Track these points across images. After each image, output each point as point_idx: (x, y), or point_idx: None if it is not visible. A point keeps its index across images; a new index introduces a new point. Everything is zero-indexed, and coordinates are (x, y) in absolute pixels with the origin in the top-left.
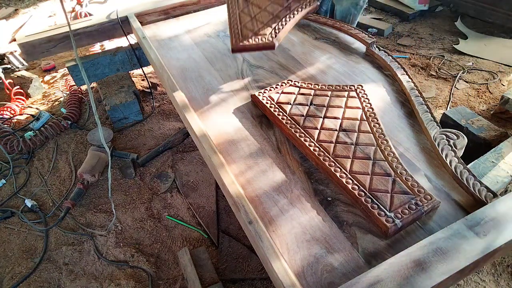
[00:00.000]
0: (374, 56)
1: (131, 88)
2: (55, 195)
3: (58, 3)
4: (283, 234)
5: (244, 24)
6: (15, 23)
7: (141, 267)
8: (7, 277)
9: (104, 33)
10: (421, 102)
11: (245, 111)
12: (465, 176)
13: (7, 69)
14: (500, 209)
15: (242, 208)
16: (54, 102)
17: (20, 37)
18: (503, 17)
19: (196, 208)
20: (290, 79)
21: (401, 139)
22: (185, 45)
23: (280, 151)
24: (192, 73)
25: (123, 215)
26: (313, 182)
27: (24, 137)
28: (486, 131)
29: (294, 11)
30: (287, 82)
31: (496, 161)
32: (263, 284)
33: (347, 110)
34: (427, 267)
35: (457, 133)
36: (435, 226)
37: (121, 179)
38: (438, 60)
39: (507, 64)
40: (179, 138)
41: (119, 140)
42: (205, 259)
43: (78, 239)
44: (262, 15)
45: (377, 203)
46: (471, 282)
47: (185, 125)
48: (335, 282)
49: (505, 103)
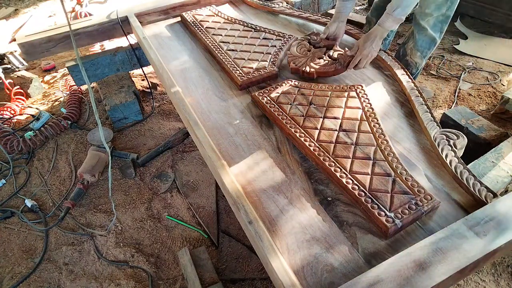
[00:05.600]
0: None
1: (131, 88)
2: (55, 195)
3: (58, 3)
4: (283, 234)
5: (242, 66)
6: (15, 23)
7: (141, 267)
8: (7, 277)
9: (104, 33)
10: (421, 102)
11: (245, 111)
12: (465, 176)
13: (7, 69)
14: (500, 209)
15: (242, 208)
16: (54, 102)
17: (20, 37)
18: (503, 17)
19: (196, 208)
20: (290, 79)
21: (401, 139)
22: (185, 45)
23: (280, 151)
24: (192, 73)
25: (123, 215)
26: (313, 182)
27: (24, 137)
28: (486, 131)
29: (281, 46)
30: (287, 82)
31: (496, 161)
32: (263, 284)
33: (347, 110)
34: (427, 267)
35: (457, 133)
36: (435, 226)
37: (121, 179)
38: (438, 60)
39: (507, 64)
40: (179, 138)
41: (119, 140)
42: (205, 259)
43: (78, 239)
44: (254, 56)
45: (377, 203)
46: (471, 282)
47: (185, 125)
48: (335, 282)
49: (505, 103)
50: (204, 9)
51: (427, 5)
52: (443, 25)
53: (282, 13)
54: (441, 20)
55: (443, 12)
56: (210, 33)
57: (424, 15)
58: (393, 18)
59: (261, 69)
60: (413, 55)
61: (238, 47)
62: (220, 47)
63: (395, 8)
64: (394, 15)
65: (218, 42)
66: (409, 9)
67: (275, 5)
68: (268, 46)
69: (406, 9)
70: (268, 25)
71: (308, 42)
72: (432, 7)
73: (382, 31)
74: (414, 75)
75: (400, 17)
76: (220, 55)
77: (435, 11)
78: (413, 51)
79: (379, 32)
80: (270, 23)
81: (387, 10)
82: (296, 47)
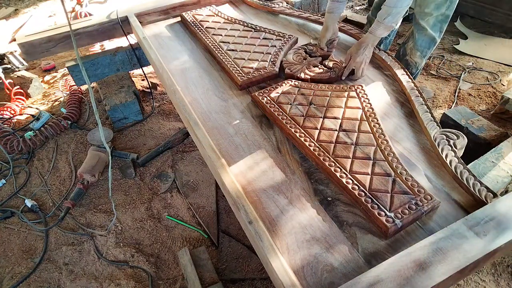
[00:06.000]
0: (374, 56)
1: (131, 88)
2: (55, 195)
3: (58, 3)
4: (283, 234)
5: (242, 66)
6: (15, 23)
7: (141, 267)
8: (7, 277)
9: (104, 33)
10: (421, 102)
11: (245, 111)
12: (465, 176)
13: (7, 69)
14: (500, 209)
15: (242, 208)
16: (54, 102)
17: (20, 37)
18: (503, 17)
19: (196, 208)
20: (290, 79)
21: (401, 139)
22: (185, 45)
23: (280, 151)
24: (192, 73)
25: (123, 215)
26: (313, 182)
27: (24, 137)
28: (486, 131)
29: (281, 46)
30: (287, 82)
31: (496, 161)
32: (263, 284)
33: (347, 110)
34: (427, 267)
35: (457, 133)
36: (435, 226)
37: (121, 179)
38: (438, 60)
39: (507, 64)
40: (179, 138)
41: (119, 140)
42: (205, 259)
43: (78, 239)
44: (254, 56)
45: (377, 203)
46: (471, 282)
47: (185, 125)
48: (335, 282)
49: (505, 103)
50: (204, 9)
51: (427, 5)
52: (442, 25)
53: (282, 13)
54: (440, 19)
55: (443, 11)
56: (210, 33)
57: (424, 15)
58: (384, 26)
59: (261, 69)
60: (413, 54)
61: (238, 47)
62: (220, 47)
63: (385, 16)
64: (384, 23)
65: (218, 42)
66: (399, 16)
67: (275, 5)
68: (268, 46)
69: (396, 17)
70: (268, 25)
71: (304, 51)
72: (432, 7)
73: (373, 39)
74: (414, 75)
75: (390, 25)
76: (220, 55)
77: (435, 11)
78: (412, 51)
79: (370, 39)
80: (270, 23)
81: (377, 18)
82: (292, 55)
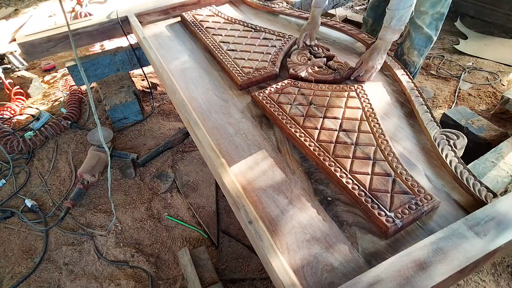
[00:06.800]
0: None
1: (131, 88)
2: (55, 195)
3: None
4: (283, 234)
5: (242, 66)
6: (15, 23)
7: (141, 267)
8: (7, 277)
9: (104, 33)
10: (421, 102)
11: (245, 111)
12: (465, 176)
13: (7, 69)
14: (500, 209)
15: (242, 208)
16: (54, 102)
17: (20, 37)
18: (503, 17)
19: (196, 208)
20: (290, 79)
21: (401, 139)
22: (185, 45)
23: (280, 151)
24: (192, 73)
25: (123, 215)
26: (313, 182)
27: (24, 137)
28: (486, 131)
29: (281, 46)
30: (287, 82)
31: (496, 161)
32: (263, 284)
33: (347, 110)
34: (427, 267)
35: (457, 133)
36: (435, 226)
37: (121, 179)
38: (438, 60)
39: (507, 64)
40: (179, 138)
41: (119, 140)
42: (205, 259)
43: (78, 239)
44: (254, 56)
45: (377, 203)
46: (471, 282)
47: (185, 125)
48: (335, 282)
49: (505, 103)
50: (204, 9)
51: (422, 3)
52: (438, 23)
53: (282, 13)
54: (436, 18)
55: (438, 10)
56: (210, 33)
57: (420, 14)
58: (392, 30)
59: (261, 69)
60: (411, 54)
61: (238, 47)
62: (220, 47)
63: (390, 20)
64: (391, 27)
65: (218, 42)
66: (404, 18)
67: (275, 5)
68: (268, 46)
69: (402, 19)
70: (268, 25)
71: (309, 52)
72: (427, 5)
73: (385, 44)
74: (413, 74)
75: (398, 28)
76: (220, 55)
77: (430, 9)
78: (410, 50)
79: (382, 45)
80: (270, 23)
81: (384, 23)
82: (297, 55)
